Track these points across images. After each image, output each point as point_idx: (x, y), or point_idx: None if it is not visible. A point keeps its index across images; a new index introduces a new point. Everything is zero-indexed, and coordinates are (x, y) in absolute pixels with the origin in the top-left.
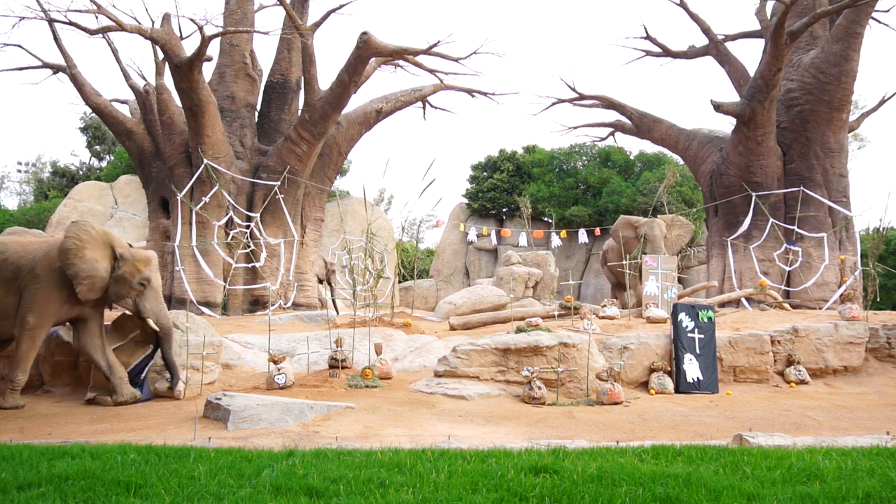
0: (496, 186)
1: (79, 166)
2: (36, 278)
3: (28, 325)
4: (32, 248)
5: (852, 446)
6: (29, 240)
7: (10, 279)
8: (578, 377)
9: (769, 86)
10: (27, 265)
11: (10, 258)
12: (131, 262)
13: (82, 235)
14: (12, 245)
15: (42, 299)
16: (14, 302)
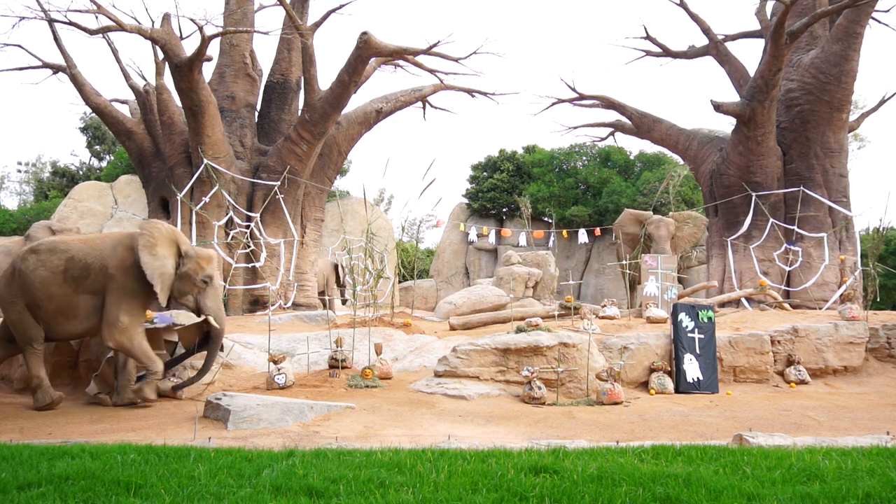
0: (496, 186)
1: (79, 166)
2: (111, 277)
3: (122, 325)
4: (98, 246)
5: (852, 446)
6: (90, 236)
7: (77, 278)
8: (578, 377)
9: (769, 86)
10: (96, 263)
11: (76, 256)
12: (195, 260)
13: (154, 233)
14: (75, 243)
15: (128, 297)
16: (83, 302)
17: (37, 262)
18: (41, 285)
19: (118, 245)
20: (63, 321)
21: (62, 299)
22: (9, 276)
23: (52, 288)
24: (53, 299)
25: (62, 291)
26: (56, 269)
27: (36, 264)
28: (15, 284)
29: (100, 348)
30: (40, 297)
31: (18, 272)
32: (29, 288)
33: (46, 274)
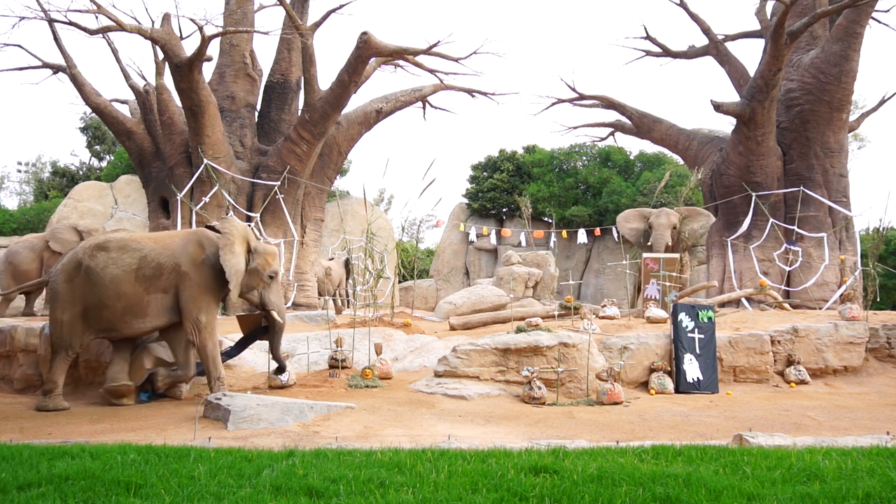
0: (496, 186)
1: (79, 166)
2: (185, 276)
3: (202, 325)
4: (168, 244)
5: (852, 446)
6: (156, 234)
7: (150, 277)
8: (578, 377)
9: (769, 86)
10: (169, 262)
11: (148, 255)
12: (263, 256)
13: (233, 231)
14: (147, 242)
15: (204, 294)
16: (154, 301)
17: (107, 260)
18: (111, 284)
19: (188, 243)
20: (131, 320)
21: (132, 298)
22: (71, 272)
23: (123, 286)
24: (123, 298)
25: (133, 290)
26: (128, 267)
27: (107, 262)
28: (79, 282)
29: (100, 348)
30: (109, 296)
31: (86, 269)
32: (97, 286)
33: (118, 272)
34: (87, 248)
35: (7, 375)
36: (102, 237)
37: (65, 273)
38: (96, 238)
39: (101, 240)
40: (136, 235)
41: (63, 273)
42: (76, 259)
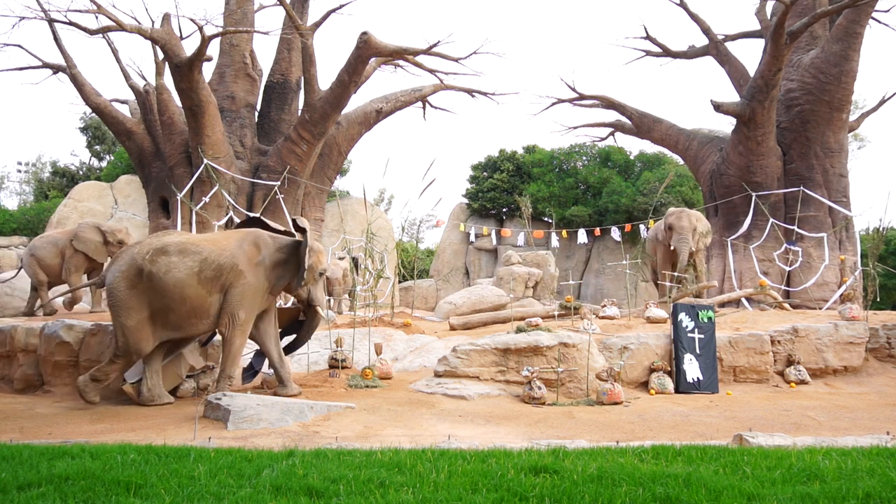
0: (496, 186)
1: (79, 166)
2: (240, 274)
3: (240, 321)
4: (225, 245)
5: (852, 446)
6: (211, 236)
7: (211, 278)
8: (578, 377)
9: (769, 86)
10: (228, 263)
11: (209, 257)
12: (317, 254)
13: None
14: (205, 243)
15: (252, 294)
16: (215, 301)
17: (169, 264)
18: (175, 287)
19: (243, 243)
20: (195, 322)
21: (196, 300)
22: (132, 277)
23: (186, 290)
24: (188, 301)
25: (196, 293)
26: (190, 270)
27: (169, 266)
28: (142, 288)
29: (100, 348)
30: (174, 300)
31: (148, 275)
32: (161, 290)
33: (181, 276)
34: (145, 254)
35: (7, 375)
36: (159, 241)
37: (126, 279)
38: (153, 242)
39: (160, 244)
40: (192, 237)
41: (124, 280)
42: (136, 265)
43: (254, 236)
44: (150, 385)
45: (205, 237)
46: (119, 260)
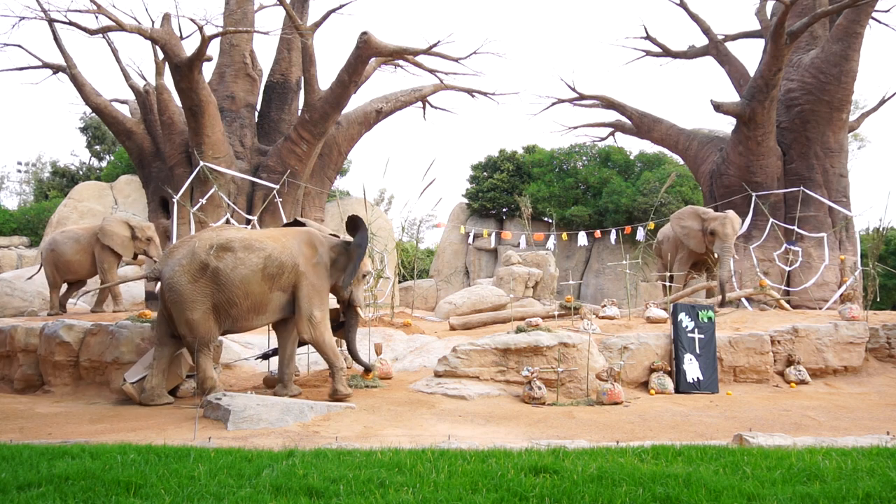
0: (496, 186)
1: (79, 166)
2: (302, 275)
3: (316, 321)
4: (286, 243)
5: (852, 446)
6: (270, 233)
7: (273, 275)
8: (578, 377)
9: (769, 86)
10: (289, 261)
11: (272, 254)
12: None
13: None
14: (268, 241)
15: (318, 293)
16: (274, 298)
17: (236, 261)
18: (241, 283)
19: (302, 243)
20: (254, 318)
21: (258, 297)
22: (195, 272)
23: (251, 286)
24: (250, 297)
25: (259, 289)
26: (255, 267)
27: (235, 262)
28: (205, 282)
29: (100, 348)
30: (238, 295)
31: (213, 270)
32: (226, 286)
33: (247, 272)
34: (208, 249)
35: (7, 375)
36: (220, 237)
37: (188, 274)
38: (213, 237)
39: (222, 240)
40: (254, 234)
41: (186, 274)
42: (199, 260)
43: (309, 236)
44: (154, 384)
45: (266, 234)
46: (176, 254)
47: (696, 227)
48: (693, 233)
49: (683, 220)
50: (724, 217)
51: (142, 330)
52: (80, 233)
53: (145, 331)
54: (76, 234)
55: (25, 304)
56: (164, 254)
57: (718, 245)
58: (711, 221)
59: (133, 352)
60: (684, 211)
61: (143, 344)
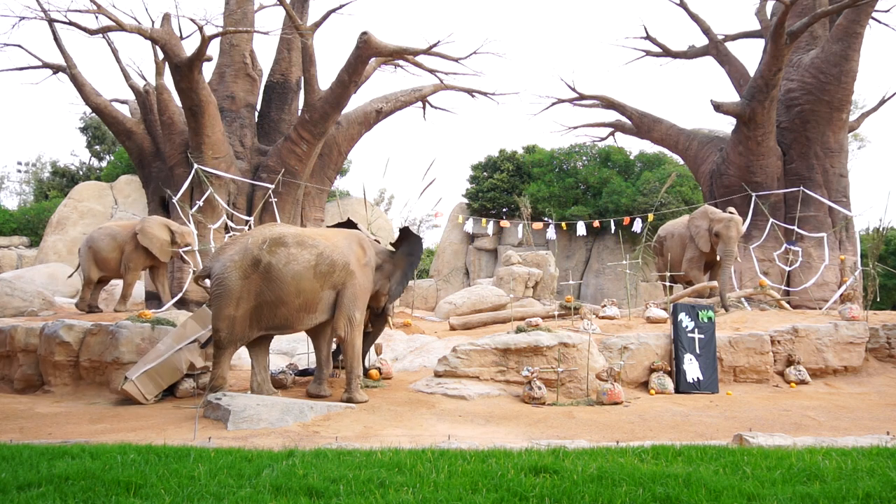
0: (496, 186)
1: (79, 166)
2: (352, 274)
3: (357, 323)
4: (337, 242)
5: (852, 446)
6: (321, 231)
7: (325, 273)
8: (578, 377)
9: (769, 86)
10: (341, 260)
11: (324, 252)
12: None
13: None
14: (320, 238)
15: (363, 295)
16: (324, 297)
17: (289, 256)
18: (293, 280)
19: (353, 242)
20: (304, 316)
21: (309, 294)
22: (247, 268)
23: (303, 283)
24: (302, 294)
25: (311, 287)
26: (308, 264)
27: (288, 258)
28: (256, 278)
29: (100, 348)
30: (289, 293)
31: (266, 266)
32: (278, 282)
33: (300, 269)
34: (261, 244)
35: (7, 375)
36: (273, 232)
37: (240, 269)
38: (266, 233)
39: (275, 235)
40: (305, 231)
41: (237, 269)
42: (252, 255)
43: (359, 237)
44: (260, 380)
45: (318, 232)
46: (228, 250)
47: (703, 227)
48: (702, 232)
49: (696, 219)
50: (728, 220)
51: (142, 330)
52: (118, 230)
53: (145, 331)
54: (113, 231)
55: (25, 304)
56: (215, 251)
57: (721, 248)
58: (717, 223)
59: (133, 352)
60: (698, 210)
61: (143, 344)
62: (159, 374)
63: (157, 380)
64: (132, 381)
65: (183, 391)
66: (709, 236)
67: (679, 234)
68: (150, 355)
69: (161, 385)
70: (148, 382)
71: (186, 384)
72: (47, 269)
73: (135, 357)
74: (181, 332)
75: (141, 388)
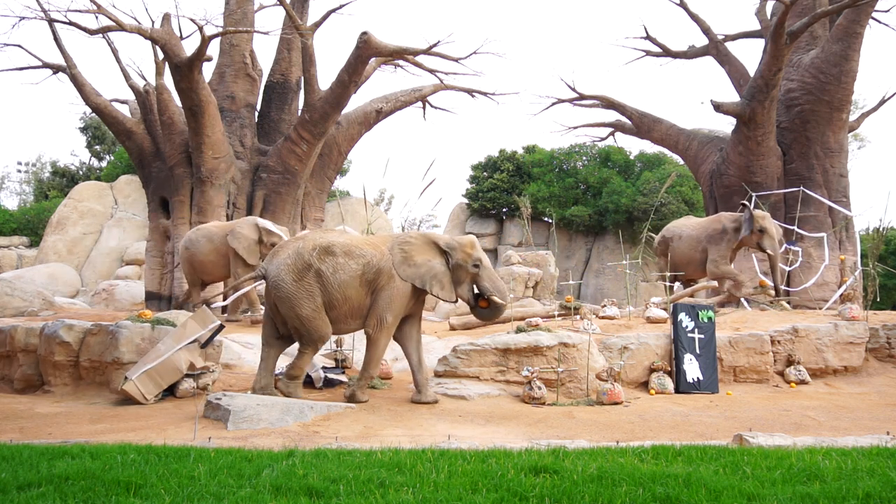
0: (496, 186)
1: (79, 166)
2: (392, 278)
3: (387, 324)
4: (381, 250)
5: (852, 446)
6: (368, 239)
7: (371, 281)
8: (578, 377)
9: (769, 86)
10: (386, 267)
11: (371, 261)
12: (460, 249)
13: (405, 248)
14: (366, 247)
15: (400, 298)
16: (370, 303)
17: (336, 265)
18: (340, 288)
19: (394, 247)
20: (350, 321)
21: (355, 301)
22: (299, 271)
23: (349, 290)
24: (349, 301)
25: (357, 294)
26: (354, 273)
27: (335, 267)
28: (310, 281)
29: (100, 347)
30: (337, 299)
31: (316, 271)
32: (326, 288)
33: (346, 277)
34: (311, 250)
35: (7, 375)
36: (324, 240)
37: (293, 272)
38: (317, 240)
39: (325, 243)
40: (354, 240)
41: (291, 273)
42: (303, 259)
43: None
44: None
45: (366, 240)
46: (281, 253)
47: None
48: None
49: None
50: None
51: (142, 330)
52: (214, 231)
53: (145, 331)
54: (210, 233)
55: (25, 304)
56: (270, 254)
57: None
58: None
59: (133, 352)
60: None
61: (143, 344)
62: (159, 374)
63: (157, 380)
64: (132, 381)
65: (183, 391)
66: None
67: (688, 234)
68: (151, 355)
69: (161, 385)
70: (148, 382)
71: (186, 384)
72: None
73: (135, 357)
74: (181, 332)
75: (141, 388)
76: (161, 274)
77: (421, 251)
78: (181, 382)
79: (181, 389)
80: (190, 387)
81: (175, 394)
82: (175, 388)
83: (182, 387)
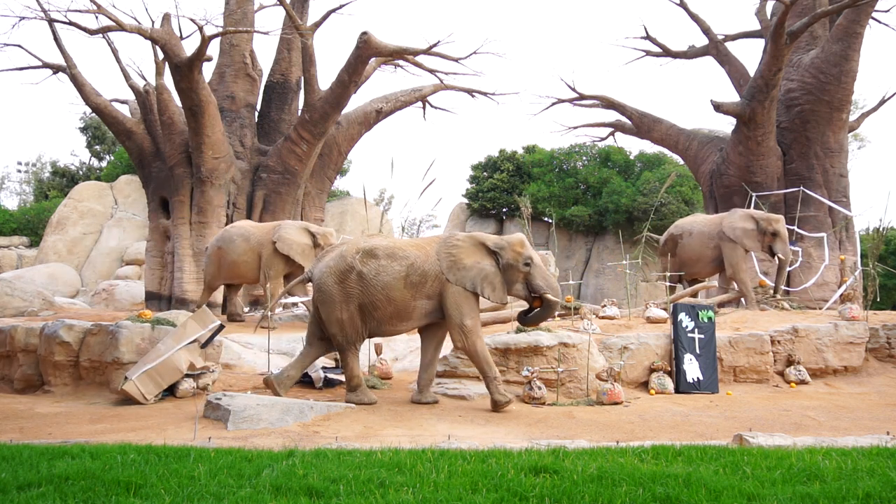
0: (496, 186)
1: (79, 166)
2: (447, 283)
3: (468, 329)
4: (427, 252)
5: (852, 446)
6: (417, 242)
7: (417, 283)
8: (578, 377)
9: (769, 86)
10: (433, 270)
11: (415, 263)
12: (510, 248)
13: (452, 251)
14: (411, 249)
15: (468, 300)
16: (419, 306)
17: (379, 268)
18: (383, 289)
19: (441, 250)
20: (397, 323)
21: (401, 303)
22: (341, 274)
23: (393, 292)
24: (393, 303)
25: (401, 296)
26: (398, 275)
27: (378, 269)
28: (350, 283)
29: (100, 348)
30: (381, 300)
31: (358, 274)
32: (369, 290)
33: (389, 280)
34: (354, 253)
35: (7, 375)
36: (367, 244)
37: (336, 275)
38: (361, 244)
39: (369, 246)
40: (399, 242)
41: (333, 275)
42: (347, 262)
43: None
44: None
45: (411, 242)
46: (326, 257)
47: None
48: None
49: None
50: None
51: (142, 330)
52: (252, 231)
53: (145, 331)
54: (246, 232)
55: (25, 304)
56: (318, 257)
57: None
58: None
59: (133, 352)
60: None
61: (143, 344)
62: (159, 374)
63: (157, 380)
64: (132, 380)
65: (183, 391)
66: (758, 236)
67: (699, 231)
68: (150, 355)
69: (161, 385)
70: (148, 382)
71: (186, 384)
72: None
73: (135, 357)
74: (181, 332)
75: (141, 388)
76: (161, 274)
77: (469, 253)
78: (181, 382)
79: (181, 389)
80: (190, 387)
81: (175, 394)
82: (175, 388)
83: (182, 387)
